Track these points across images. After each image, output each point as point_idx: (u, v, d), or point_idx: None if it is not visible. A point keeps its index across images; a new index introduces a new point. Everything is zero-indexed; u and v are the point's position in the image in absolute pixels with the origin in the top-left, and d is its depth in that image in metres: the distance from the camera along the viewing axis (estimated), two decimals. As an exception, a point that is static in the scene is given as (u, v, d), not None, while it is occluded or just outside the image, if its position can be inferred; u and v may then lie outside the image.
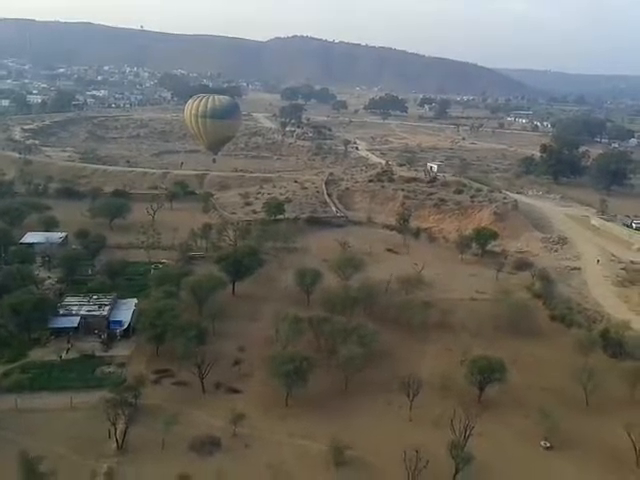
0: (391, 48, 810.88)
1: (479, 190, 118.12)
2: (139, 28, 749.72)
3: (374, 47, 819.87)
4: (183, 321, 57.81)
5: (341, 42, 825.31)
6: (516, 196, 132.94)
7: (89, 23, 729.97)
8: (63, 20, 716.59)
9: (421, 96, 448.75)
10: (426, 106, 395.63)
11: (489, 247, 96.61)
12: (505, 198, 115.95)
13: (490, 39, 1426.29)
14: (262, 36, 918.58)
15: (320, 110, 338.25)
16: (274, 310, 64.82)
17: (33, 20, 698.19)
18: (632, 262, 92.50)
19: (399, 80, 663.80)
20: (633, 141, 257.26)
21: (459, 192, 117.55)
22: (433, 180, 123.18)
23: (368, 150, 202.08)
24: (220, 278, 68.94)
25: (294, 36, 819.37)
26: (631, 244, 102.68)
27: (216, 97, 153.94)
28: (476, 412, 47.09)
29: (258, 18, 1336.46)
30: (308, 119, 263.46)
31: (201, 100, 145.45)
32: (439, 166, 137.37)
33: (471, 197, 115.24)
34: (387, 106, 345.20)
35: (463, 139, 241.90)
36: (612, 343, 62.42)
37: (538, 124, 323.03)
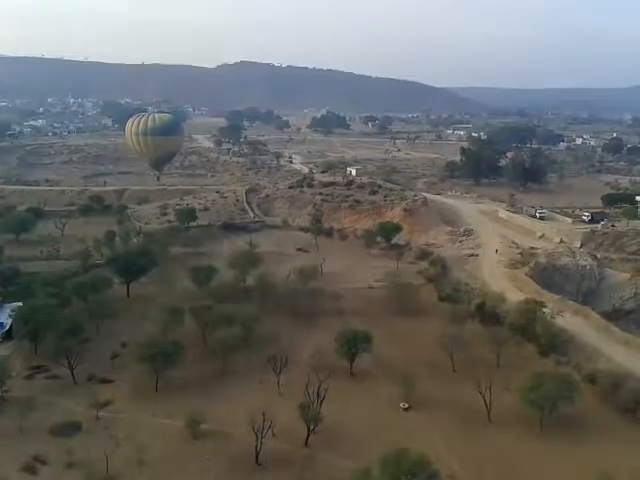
0: (339, 70, 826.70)
1: (392, 190, 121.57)
2: (83, 59, 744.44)
3: (322, 70, 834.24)
4: (56, 318, 57.57)
5: (289, 66, 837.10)
6: (435, 197, 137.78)
7: (30, 57, 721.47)
8: (6, 54, 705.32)
9: (365, 115, 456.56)
10: (369, 123, 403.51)
11: (396, 241, 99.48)
12: (415, 196, 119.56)
13: (436, 58, 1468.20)
14: (209, 63, 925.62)
15: (263, 130, 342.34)
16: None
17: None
18: (531, 248, 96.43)
19: (347, 101, 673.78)
20: (562, 145, 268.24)
21: (373, 193, 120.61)
22: (350, 183, 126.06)
23: (302, 163, 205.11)
24: (105, 278, 69.00)
25: (241, 62, 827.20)
26: (534, 232, 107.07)
27: (156, 115, 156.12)
28: (342, 381, 48.82)
29: (205, 46, 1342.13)
30: (245, 137, 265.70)
31: (141, 118, 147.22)
32: (357, 170, 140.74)
33: (384, 197, 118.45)
34: (330, 124, 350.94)
35: (398, 150, 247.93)
36: (488, 314, 64.99)
37: (474, 135, 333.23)
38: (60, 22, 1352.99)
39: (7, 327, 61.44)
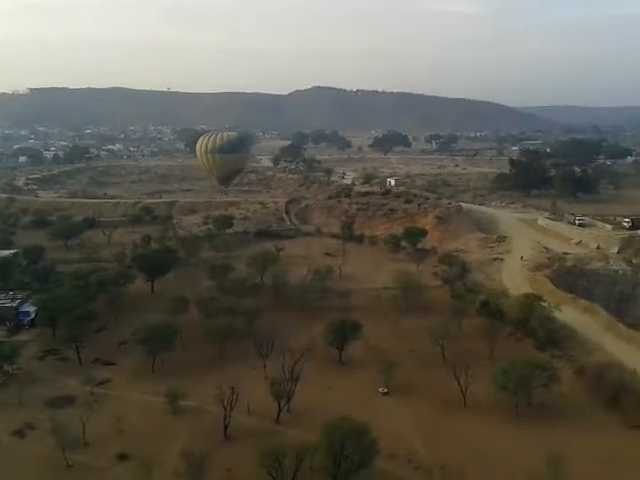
0: (409, 93, 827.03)
1: (427, 199, 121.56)
2: (165, 89, 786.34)
3: (392, 92, 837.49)
4: (70, 305, 62.30)
5: (359, 90, 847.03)
6: (477, 207, 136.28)
7: (118, 88, 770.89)
8: (94, 86, 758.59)
9: (429, 134, 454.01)
10: (433, 141, 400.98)
11: (423, 246, 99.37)
12: (450, 204, 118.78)
13: (509, 78, 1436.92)
14: (284, 89, 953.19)
15: (326, 151, 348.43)
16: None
17: (66, 88, 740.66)
18: (564, 253, 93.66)
19: (416, 122, 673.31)
20: (629, 159, 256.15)
21: (408, 202, 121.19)
22: (387, 192, 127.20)
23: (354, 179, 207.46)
24: (127, 274, 73.89)
25: (314, 87, 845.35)
26: (570, 239, 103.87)
27: (224, 133, 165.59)
28: (330, 368, 50.06)
29: (280, 74, 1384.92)
30: (303, 156, 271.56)
31: (210, 137, 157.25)
32: (397, 180, 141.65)
33: (418, 205, 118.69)
34: (390, 142, 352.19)
35: (456, 166, 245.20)
36: (492, 310, 64.17)
37: (547, 150, 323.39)
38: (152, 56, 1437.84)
39: (32, 316, 67.06)
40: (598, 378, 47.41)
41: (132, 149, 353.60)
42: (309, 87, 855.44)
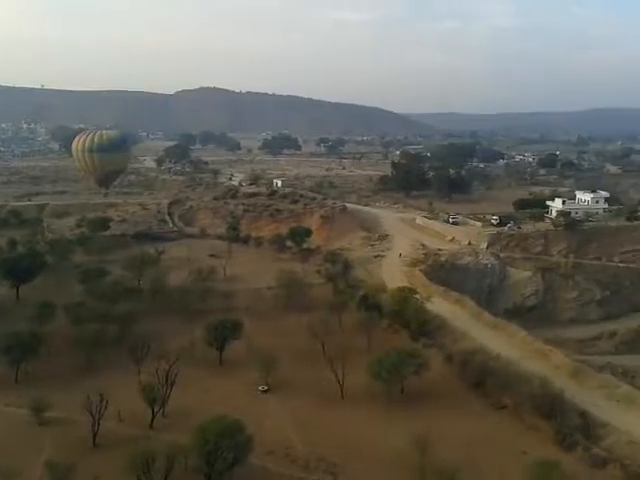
0: (298, 96, 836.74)
1: (313, 199, 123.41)
2: (39, 87, 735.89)
3: (281, 95, 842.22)
4: None
5: (248, 92, 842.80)
6: (362, 207, 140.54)
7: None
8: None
9: (319, 137, 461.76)
10: (322, 145, 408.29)
11: (308, 245, 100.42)
12: (335, 204, 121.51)
13: (396, 85, 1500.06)
14: (168, 89, 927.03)
15: (215, 152, 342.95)
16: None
17: None
18: (438, 249, 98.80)
19: (306, 125, 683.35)
20: (501, 162, 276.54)
21: (295, 202, 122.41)
22: (273, 193, 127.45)
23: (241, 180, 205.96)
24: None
25: (201, 88, 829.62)
26: (445, 236, 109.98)
27: (103, 132, 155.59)
28: (209, 370, 48.59)
29: (164, 72, 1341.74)
30: (191, 158, 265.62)
31: (87, 135, 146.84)
32: (284, 182, 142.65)
33: (304, 205, 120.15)
34: (280, 145, 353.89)
35: (343, 168, 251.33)
36: (371, 304, 66.08)
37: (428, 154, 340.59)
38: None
39: None
40: (465, 364, 50.24)
41: (2, 149, 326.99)
42: (196, 87, 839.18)
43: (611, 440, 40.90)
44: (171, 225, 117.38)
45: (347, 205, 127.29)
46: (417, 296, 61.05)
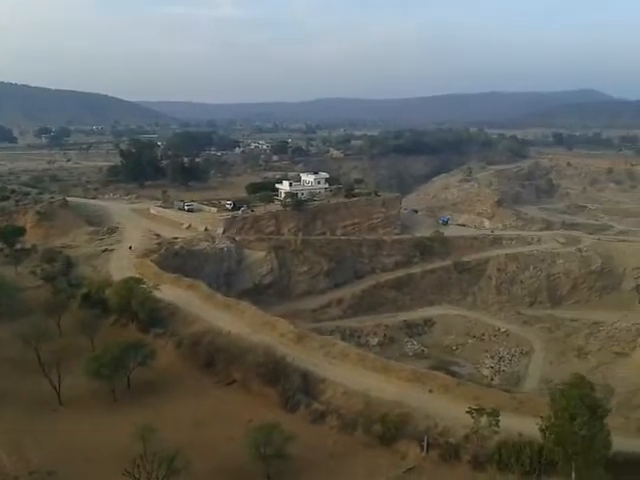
0: (11, 83, 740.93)
1: (27, 195, 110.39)
2: None
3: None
4: None
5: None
6: (88, 201, 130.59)
7: None
8: None
9: (38, 127, 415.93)
10: (43, 136, 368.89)
11: (22, 245, 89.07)
12: (52, 199, 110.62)
13: (127, 71, 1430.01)
14: None
15: None
16: None
17: None
18: (174, 238, 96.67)
19: (22, 114, 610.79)
20: (237, 150, 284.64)
21: (5, 199, 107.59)
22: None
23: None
24: None
25: None
26: (181, 224, 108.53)
27: None
28: None
29: None
30: None
31: None
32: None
33: (16, 202, 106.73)
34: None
35: (68, 160, 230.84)
36: (95, 302, 61.34)
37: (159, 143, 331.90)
38: None
39: None
40: (194, 345, 49.69)
41: None
42: None
43: (329, 394, 44.45)
44: None
45: (70, 199, 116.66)
46: (144, 285, 58.20)
